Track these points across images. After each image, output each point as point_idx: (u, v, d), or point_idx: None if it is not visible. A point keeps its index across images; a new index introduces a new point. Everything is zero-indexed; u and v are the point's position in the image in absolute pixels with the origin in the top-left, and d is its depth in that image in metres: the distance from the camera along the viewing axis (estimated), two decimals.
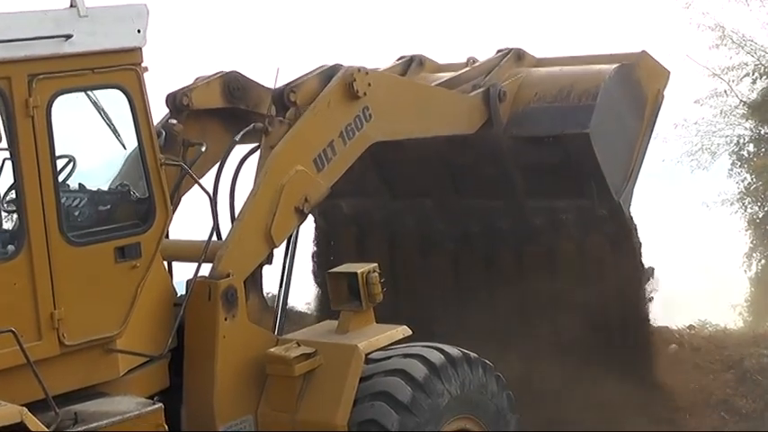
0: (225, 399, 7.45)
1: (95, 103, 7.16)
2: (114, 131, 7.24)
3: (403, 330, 7.98)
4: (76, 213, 6.98)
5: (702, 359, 11.51)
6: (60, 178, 6.80)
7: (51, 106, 6.43)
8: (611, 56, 10.37)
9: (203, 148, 8.28)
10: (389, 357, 7.77)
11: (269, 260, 8.10)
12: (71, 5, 6.54)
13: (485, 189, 10.30)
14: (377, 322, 8.10)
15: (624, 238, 10.12)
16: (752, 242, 27.53)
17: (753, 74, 27.92)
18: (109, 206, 7.19)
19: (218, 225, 8.02)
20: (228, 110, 8.93)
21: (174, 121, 8.52)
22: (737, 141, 28.37)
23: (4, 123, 6.53)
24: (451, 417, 7.79)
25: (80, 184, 7.31)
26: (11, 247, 6.49)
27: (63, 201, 6.65)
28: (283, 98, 8.44)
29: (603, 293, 10.01)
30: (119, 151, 7.35)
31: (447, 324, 10.19)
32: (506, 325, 10.07)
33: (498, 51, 10.58)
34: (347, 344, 7.60)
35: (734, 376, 11.19)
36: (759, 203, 27.45)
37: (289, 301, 8.39)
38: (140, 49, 6.84)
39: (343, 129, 8.39)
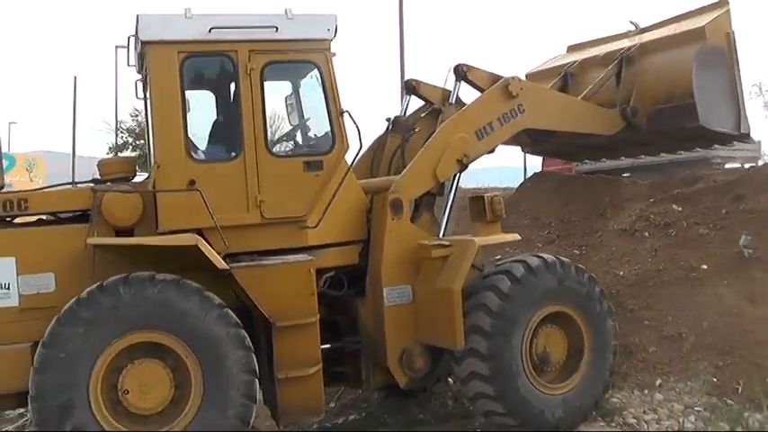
0: (389, 269, 10.47)
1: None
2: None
3: (512, 236, 11.09)
4: (283, 138, 10.88)
5: None
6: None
7: (264, 71, 9.94)
8: (679, 35, 12.62)
9: (416, 129, 12.14)
10: (506, 262, 10.75)
11: (440, 192, 11.44)
12: (285, 12, 10.02)
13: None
14: None
15: None
16: None
17: None
18: (302, 137, 10.94)
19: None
20: None
21: (404, 117, 12.45)
22: None
23: (234, 80, 10.05)
24: (548, 303, 10.51)
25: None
26: (233, 154, 9.93)
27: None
28: (459, 68, 12.21)
29: None
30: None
31: None
32: None
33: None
34: (468, 239, 10.63)
35: None
36: None
37: None
38: (329, 40, 10.20)
39: (500, 115, 11.62)
